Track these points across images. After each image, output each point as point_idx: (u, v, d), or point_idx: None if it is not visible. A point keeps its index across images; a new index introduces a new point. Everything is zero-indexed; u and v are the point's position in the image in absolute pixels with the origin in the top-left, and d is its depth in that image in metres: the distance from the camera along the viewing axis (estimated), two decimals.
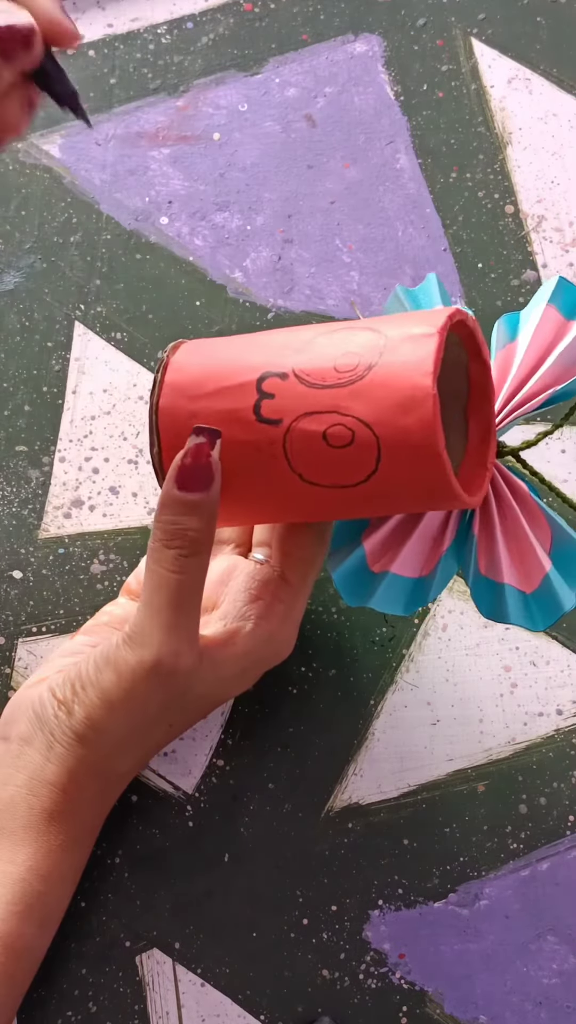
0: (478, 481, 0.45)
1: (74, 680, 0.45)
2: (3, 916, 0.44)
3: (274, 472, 0.43)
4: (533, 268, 0.58)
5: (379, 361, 0.41)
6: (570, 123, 0.60)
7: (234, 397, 0.43)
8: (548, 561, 0.46)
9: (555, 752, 0.53)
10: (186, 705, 0.46)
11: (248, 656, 0.47)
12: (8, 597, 0.54)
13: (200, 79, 0.60)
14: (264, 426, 0.42)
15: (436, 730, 0.53)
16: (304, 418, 0.42)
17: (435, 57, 0.61)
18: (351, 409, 0.41)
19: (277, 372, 0.42)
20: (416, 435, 0.40)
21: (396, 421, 0.40)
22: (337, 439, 0.41)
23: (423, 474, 0.41)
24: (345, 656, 0.54)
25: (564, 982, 0.51)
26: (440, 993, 0.51)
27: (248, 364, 0.43)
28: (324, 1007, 0.50)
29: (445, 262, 0.58)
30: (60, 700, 0.45)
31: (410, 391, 0.40)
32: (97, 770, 0.46)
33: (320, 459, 0.42)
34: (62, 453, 0.56)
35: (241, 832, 0.52)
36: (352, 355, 0.41)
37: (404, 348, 0.41)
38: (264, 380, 0.42)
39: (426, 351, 0.40)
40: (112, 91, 0.60)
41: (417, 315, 0.43)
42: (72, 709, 0.45)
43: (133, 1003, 0.50)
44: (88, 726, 0.45)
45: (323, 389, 0.41)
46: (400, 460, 0.41)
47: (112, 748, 0.46)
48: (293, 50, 0.61)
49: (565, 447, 0.56)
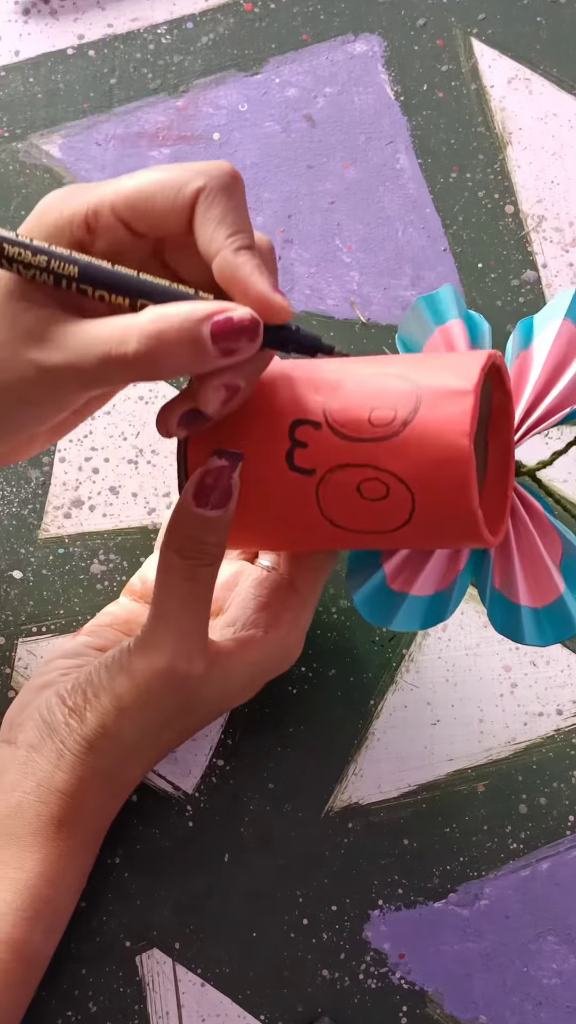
0: (500, 511, 0.46)
1: (85, 687, 0.45)
2: (13, 922, 0.44)
3: (304, 515, 0.43)
4: (533, 268, 0.58)
5: (415, 418, 0.41)
6: (570, 123, 0.60)
7: (266, 441, 0.43)
8: (563, 582, 0.46)
9: (555, 752, 0.53)
10: (196, 710, 0.46)
11: (258, 665, 0.47)
12: (8, 597, 0.54)
13: (200, 79, 0.60)
14: (297, 475, 0.42)
15: (436, 730, 0.53)
16: (338, 470, 0.42)
17: (435, 57, 0.61)
18: (387, 465, 0.41)
19: (310, 420, 0.42)
20: (452, 493, 0.41)
21: (432, 479, 0.41)
22: (372, 492, 0.42)
23: (455, 527, 0.42)
24: (345, 656, 0.54)
25: (564, 982, 0.51)
26: (440, 993, 0.51)
27: (279, 407, 0.43)
28: (324, 1007, 0.50)
29: (445, 262, 0.58)
30: (71, 708, 0.45)
31: (447, 452, 0.40)
32: (107, 777, 0.46)
33: (352, 509, 0.42)
34: (62, 453, 0.56)
35: (241, 832, 0.52)
36: (387, 408, 0.41)
37: (440, 405, 0.40)
38: (297, 427, 0.42)
39: (462, 409, 0.40)
40: (112, 91, 0.60)
41: (450, 363, 0.42)
42: (84, 717, 0.45)
43: (133, 1003, 0.50)
44: (101, 733, 0.45)
45: (358, 442, 0.41)
46: (434, 515, 0.41)
47: (123, 755, 0.46)
48: (293, 50, 0.61)
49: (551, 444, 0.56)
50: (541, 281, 0.58)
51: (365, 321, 0.58)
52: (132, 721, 0.45)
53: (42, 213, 0.40)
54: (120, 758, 0.46)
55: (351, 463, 0.41)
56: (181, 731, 0.47)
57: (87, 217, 0.39)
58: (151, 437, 0.56)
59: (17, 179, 0.59)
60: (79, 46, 0.61)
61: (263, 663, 0.47)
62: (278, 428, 0.42)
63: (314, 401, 0.42)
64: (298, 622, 0.48)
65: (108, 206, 0.39)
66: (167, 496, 0.55)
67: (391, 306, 0.58)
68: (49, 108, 0.60)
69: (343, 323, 0.58)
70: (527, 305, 0.58)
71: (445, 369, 0.42)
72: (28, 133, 0.60)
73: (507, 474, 0.46)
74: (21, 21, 0.61)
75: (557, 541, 0.47)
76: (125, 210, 0.39)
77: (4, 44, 0.61)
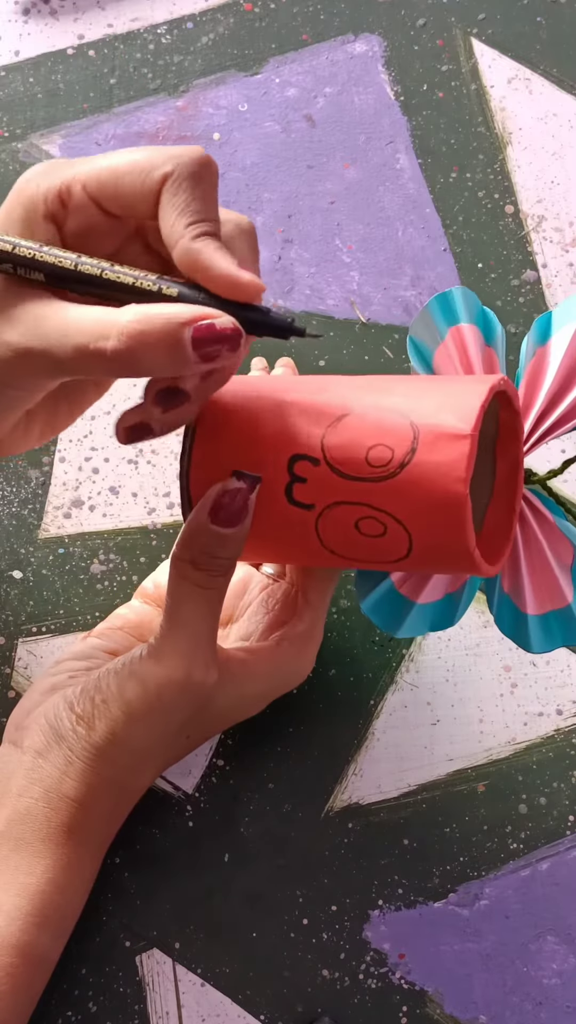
0: (505, 529, 0.46)
1: (93, 694, 0.45)
2: (23, 927, 0.44)
3: (305, 544, 0.44)
4: (533, 268, 0.58)
5: (411, 460, 0.41)
6: (570, 123, 0.60)
7: (265, 472, 0.43)
8: (571, 590, 0.46)
9: (555, 752, 0.53)
10: (207, 719, 0.46)
11: (271, 677, 0.47)
12: (8, 597, 0.54)
13: (200, 79, 0.60)
14: (295, 508, 0.43)
15: (436, 730, 0.53)
16: (336, 507, 0.42)
17: (435, 57, 0.61)
18: (384, 505, 0.41)
19: (309, 456, 0.42)
20: (449, 535, 0.41)
21: (428, 522, 0.41)
22: (369, 530, 0.42)
23: (454, 562, 0.42)
24: (345, 656, 0.54)
25: (564, 982, 0.51)
26: (440, 993, 0.51)
27: (278, 438, 0.43)
28: (324, 1007, 0.50)
29: (445, 262, 0.58)
30: (78, 714, 0.45)
31: (443, 496, 0.40)
32: (117, 785, 0.46)
33: (351, 542, 0.43)
34: (62, 453, 0.56)
35: (241, 832, 0.52)
36: (385, 448, 0.41)
37: (437, 448, 0.40)
38: (296, 462, 0.42)
39: (458, 455, 0.40)
40: (112, 91, 0.60)
41: (450, 395, 0.42)
42: (93, 724, 0.45)
43: (133, 1003, 0.50)
44: (110, 741, 0.44)
45: (356, 481, 0.41)
46: (432, 552, 0.42)
47: (133, 762, 0.45)
48: (293, 50, 0.61)
49: (565, 447, 0.56)
50: (541, 281, 0.58)
51: (365, 321, 0.58)
52: (142, 729, 0.44)
53: (21, 188, 0.40)
54: (130, 765, 0.45)
55: (349, 501, 0.42)
56: (191, 739, 0.47)
57: (60, 193, 0.39)
58: None
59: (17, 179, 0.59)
60: (79, 46, 0.61)
61: (276, 675, 0.47)
62: (277, 462, 0.43)
63: (313, 435, 0.42)
64: (311, 635, 0.48)
65: (80, 184, 0.39)
66: (167, 496, 0.55)
67: (391, 306, 0.58)
68: (49, 108, 0.60)
69: (343, 323, 0.58)
70: (527, 305, 0.58)
71: (444, 404, 0.41)
72: (28, 133, 0.60)
73: (515, 488, 0.46)
74: (21, 21, 0.61)
75: (568, 546, 0.47)
76: (95, 189, 0.39)
77: (4, 44, 0.61)
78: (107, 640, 0.49)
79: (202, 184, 0.39)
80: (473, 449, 0.40)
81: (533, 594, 0.47)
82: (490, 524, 0.46)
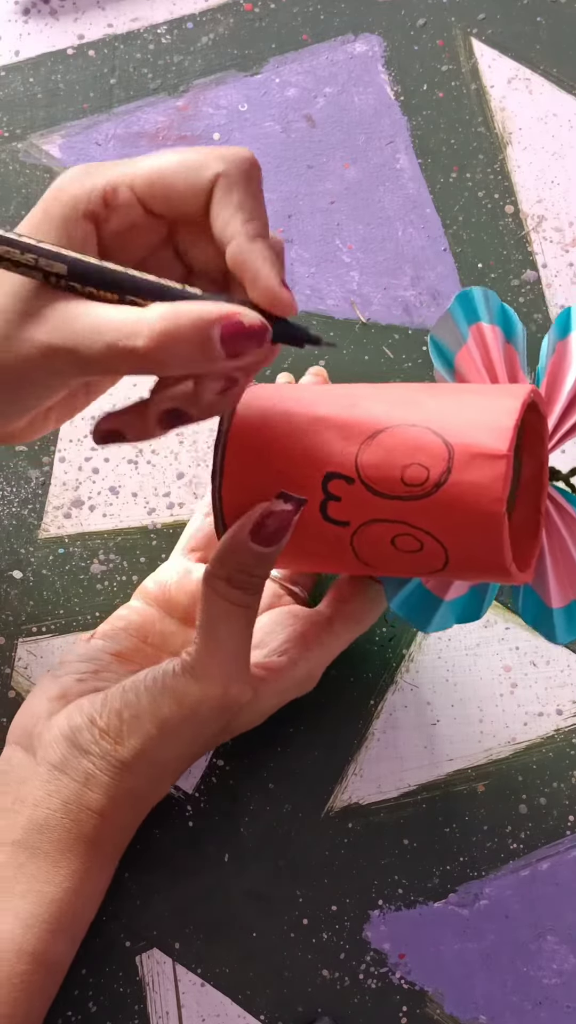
0: (533, 530, 0.46)
1: (121, 709, 0.45)
2: (39, 935, 0.44)
3: (341, 559, 0.44)
4: (533, 268, 0.58)
5: (447, 479, 0.41)
6: (570, 123, 0.60)
7: (299, 490, 0.43)
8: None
9: (555, 752, 0.53)
10: (229, 734, 0.47)
11: (286, 693, 0.48)
12: (8, 597, 0.54)
13: (200, 79, 0.60)
14: (331, 525, 0.43)
15: (436, 730, 0.53)
16: (372, 524, 0.42)
17: (435, 57, 0.61)
18: (420, 523, 0.41)
19: (343, 474, 0.42)
20: (486, 552, 0.41)
21: (465, 540, 0.41)
22: (406, 546, 0.42)
23: (488, 574, 0.43)
24: (345, 656, 0.54)
25: (564, 982, 0.51)
26: (440, 993, 0.51)
27: (312, 453, 0.43)
28: (324, 1007, 0.50)
29: (445, 262, 0.58)
30: (102, 729, 0.45)
31: (481, 516, 0.41)
32: (139, 798, 0.46)
33: (388, 557, 0.43)
34: (62, 453, 0.56)
35: (241, 832, 0.52)
36: (420, 468, 0.41)
37: (473, 468, 0.41)
38: (330, 480, 0.42)
39: (495, 475, 0.40)
40: (112, 91, 0.60)
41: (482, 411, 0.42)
42: (122, 739, 0.44)
43: (133, 1003, 0.50)
44: (139, 756, 0.44)
45: (391, 500, 0.42)
46: (468, 566, 0.42)
47: (158, 775, 0.46)
48: (293, 50, 0.61)
49: (565, 447, 0.56)
50: (541, 281, 0.58)
51: (365, 321, 0.58)
52: (173, 744, 0.45)
53: (62, 187, 0.40)
54: (154, 777, 0.46)
55: (384, 519, 0.42)
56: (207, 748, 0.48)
57: (106, 192, 0.39)
58: None
59: (17, 179, 0.59)
60: (79, 46, 0.61)
61: (290, 692, 0.48)
62: (311, 480, 0.43)
63: (347, 453, 0.42)
64: (326, 658, 0.49)
65: (128, 183, 0.39)
66: (167, 496, 0.55)
67: (391, 306, 0.58)
68: (49, 108, 0.60)
69: (343, 323, 0.58)
70: (527, 305, 0.58)
71: (477, 421, 0.41)
72: (28, 133, 0.60)
73: (540, 488, 0.46)
74: (21, 21, 0.61)
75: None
76: (144, 188, 0.39)
77: (4, 44, 0.61)
78: (111, 642, 0.49)
79: (253, 183, 0.39)
80: (509, 469, 0.40)
81: (557, 586, 0.47)
82: (517, 525, 0.46)
